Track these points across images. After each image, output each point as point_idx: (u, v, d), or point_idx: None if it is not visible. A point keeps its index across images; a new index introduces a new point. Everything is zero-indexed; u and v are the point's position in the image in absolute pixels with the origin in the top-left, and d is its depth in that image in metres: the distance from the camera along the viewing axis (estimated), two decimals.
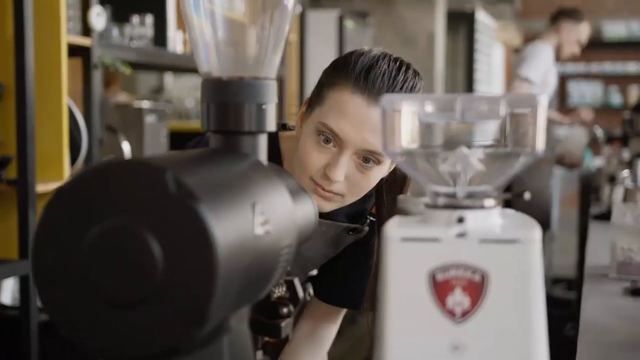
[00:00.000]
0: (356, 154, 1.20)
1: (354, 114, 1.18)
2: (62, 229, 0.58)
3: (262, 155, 0.74)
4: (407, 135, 0.66)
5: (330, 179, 1.20)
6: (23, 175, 2.20)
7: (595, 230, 2.57)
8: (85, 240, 0.57)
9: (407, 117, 0.65)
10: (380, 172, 1.24)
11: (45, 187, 2.29)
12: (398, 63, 1.22)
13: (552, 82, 4.41)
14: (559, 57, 4.47)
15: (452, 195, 0.66)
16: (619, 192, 2.72)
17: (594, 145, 7.22)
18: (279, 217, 0.68)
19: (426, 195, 0.68)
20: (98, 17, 2.51)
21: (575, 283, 4.57)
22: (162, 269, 0.56)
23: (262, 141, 0.74)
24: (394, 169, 1.31)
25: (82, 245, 0.57)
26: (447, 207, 0.65)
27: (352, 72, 1.20)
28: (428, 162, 0.66)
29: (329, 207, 1.24)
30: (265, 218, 0.65)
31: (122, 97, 4.27)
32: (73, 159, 2.46)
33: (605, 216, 2.54)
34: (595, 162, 5.34)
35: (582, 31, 4.40)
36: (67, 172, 2.39)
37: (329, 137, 1.20)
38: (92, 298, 0.57)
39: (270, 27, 0.75)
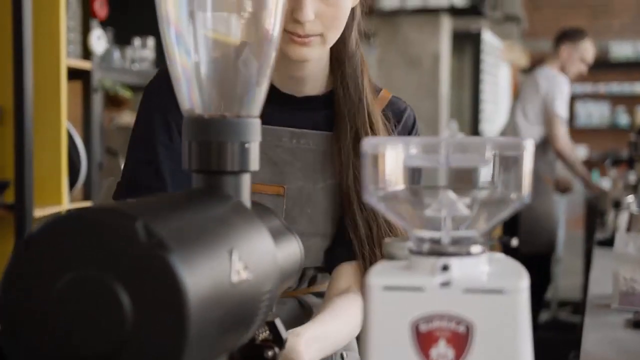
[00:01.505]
0: None
1: None
2: (29, 279, 0.56)
3: (245, 195, 0.72)
4: (390, 179, 0.64)
5: (300, 21, 1.15)
6: (20, 200, 2.18)
7: (599, 257, 2.54)
8: (53, 291, 0.55)
9: (390, 161, 0.63)
10: None
11: (43, 211, 2.28)
12: None
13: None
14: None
15: (437, 241, 0.64)
16: (623, 218, 2.69)
17: (600, 166, 7.19)
18: (259, 262, 0.66)
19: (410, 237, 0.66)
20: (98, 41, 2.50)
21: (581, 307, 4.53)
22: (131, 322, 0.54)
23: (246, 181, 0.72)
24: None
25: (49, 296, 0.55)
26: (431, 253, 0.63)
27: None
28: (412, 206, 0.64)
29: (312, 52, 1.20)
30: (243, 264, 0.63)
31: (127, 117, 4.27)
32: (72, 183, 2.44)
33: (610, 242, 2.51)
34: (602, 184, 5.30)
35: (583, 49, 4.38)
36: (65, 197, 2.37)
37: None
38: (60, 351, 0.55)
39: (254, 62, 0.74)
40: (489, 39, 6.99)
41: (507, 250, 3.87)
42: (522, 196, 0.63)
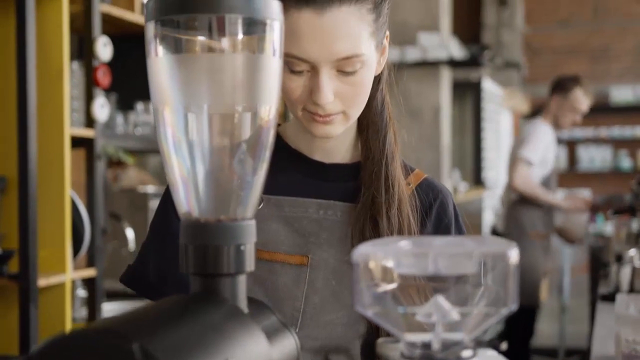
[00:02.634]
0: (332, 67, 1.12)
1: (308, 31, 1.10)
2: None
3: (241, 295, 0.74)
4: (380, 287, 0.65)
5: (319, 104, 1.12)
6: (25, 270, 2.20)
7: (603, 313, 2.54)
8: None
9: (380, 270, 0.65)
10: (368, 71, 1.15)
11: (47, 281, 2.29)
12: None
13: (551, 160, 4.43)
14: (560, 127, 4.50)
15: (428, 345, 0.65)
16: (626, 272, 2.69)
17: (604, 211, 7.19)
18: None
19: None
20: (102, 109, 2.54)
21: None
22: None
23: (241, 282, 0.74)
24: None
25: None
26: (422, 359, 0.64)
27: None
28: (403, 313, 0.66)
29: (335, 129, 1.17)
30: None
31: (132, 173, 4.29)
32: (75, 250, 2.46)
33: (613, 297, 2.51)
34: (606, 228, 5.30)
35: (573, 99, 4.42)
36: (69, 265, 2.39)
37: (298, 67, 1.12)
38: None
39: (249, 160, 0.76)
40: (489, 87, 7.06)
41: None
42: (510, 301, 0.65)
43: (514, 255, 0.63)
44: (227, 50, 0.73)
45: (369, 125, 1.25)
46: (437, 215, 1.28)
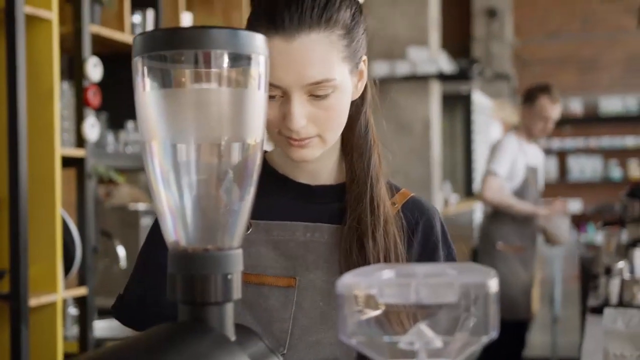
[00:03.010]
0: (304, 92, 1.13)
1: (278, 57, 1.11)
2: None
3: (229, 324, 0.75)
4: (364, 316, 0.67)
5: (292, 129, 1.13)
6: (16, 290, 2.20)
7: (592, 326, 2.55)
8: None
9: (363, 300, 0.66)
10: (342, 95, 1.16)
11: (38, 300, 2.29)
12: None
13: (521, 172, 4.44)
14: (533, 137, 4.53)
15: None
16: (615, 285, 2.71)
17: (595, 221, 7.23)
18: None
19: None
20: (92, 129, 2.55)
21: None
22: None
23: (229, 310, 0.75)
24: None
25: None
26: None
27: (259, 17, 1.14)
28: (387, 341, 0.67)
29: (312, 153, 1.18)
30: None
31: (125, 190, 4.30)
32: (67, 269, 2.47)
33: (602, 309, 2.52)
34: (597, 237, 5.33)
35: (540, 107, 4.43)
36: (60, 285, 2.40)
37: (271, 92, 1.12)
38: None
39: (236, 188, 0.77)
40: (479, 99, 7.09)
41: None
42: (491, 329, 0.67)
43: (493, 285, 0.65)
44: (214, 84, 0.74)
45: (354, 148, 1.26)
46: (423, 235, 1.29)
